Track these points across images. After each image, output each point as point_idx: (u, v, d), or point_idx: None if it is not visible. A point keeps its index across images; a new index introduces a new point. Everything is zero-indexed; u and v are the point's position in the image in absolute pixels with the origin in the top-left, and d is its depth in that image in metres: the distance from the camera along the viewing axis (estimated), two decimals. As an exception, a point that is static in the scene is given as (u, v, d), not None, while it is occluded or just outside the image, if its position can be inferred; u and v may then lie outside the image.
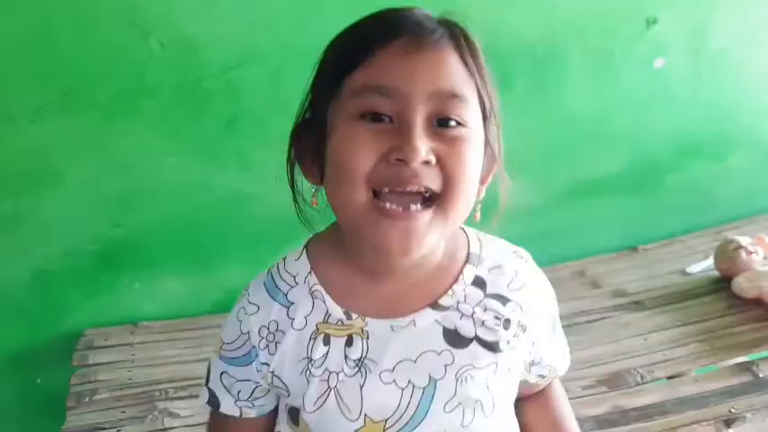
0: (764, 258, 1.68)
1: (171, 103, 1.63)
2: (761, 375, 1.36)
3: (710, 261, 1.76)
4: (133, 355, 1.57)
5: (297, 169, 0.77)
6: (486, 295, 0.77)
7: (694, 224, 2.04)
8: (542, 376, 0.87)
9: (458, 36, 0.70)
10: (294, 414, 0.79)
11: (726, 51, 1.96)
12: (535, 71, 1.83)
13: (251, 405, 0.82)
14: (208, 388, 0.83)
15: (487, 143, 0.73)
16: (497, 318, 0.77)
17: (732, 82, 2.00)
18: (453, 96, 0.68)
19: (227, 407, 0.82)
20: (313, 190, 0.76)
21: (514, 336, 0.77)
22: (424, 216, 0.68)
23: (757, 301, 1.57)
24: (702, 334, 1.52)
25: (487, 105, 0.72)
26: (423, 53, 0.68)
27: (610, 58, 1.88)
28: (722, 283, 1.69)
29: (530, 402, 0.91)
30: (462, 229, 0.81)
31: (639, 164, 2.00)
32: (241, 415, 0.82)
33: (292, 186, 0.77)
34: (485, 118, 0.72)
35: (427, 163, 0.67)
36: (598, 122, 1.93)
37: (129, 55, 1.57)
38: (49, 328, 1.70)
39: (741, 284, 1.61)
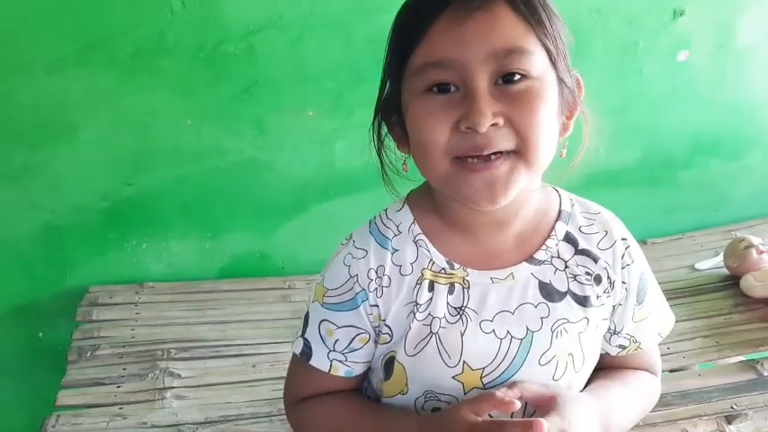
0: (775, 259, 1.67)
1: (189, 64, 1.62)
2: (765, 374, 1.36)
3: (720, 258, 1.76)
4: (137, 314, 1.56)
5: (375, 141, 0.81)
6: (578, 251, 0.80)
7: (705, 222, 2.03)
8: (622, 347, 0.85)
9: None
10: (389, 364, 0.80)
11: (751, 48, 1.94)
12: (557, 57, 1.81)
13: (343, 359, 0.81)
14: (303, 338, 0.82)
15: (562, 83, 0.74)
16: (588, 273, 0.80)
17: (755, 80, 1.98)
18: (511, 51, 0.69)
19: (319, 359, 0.82)
20: (403, 158, 0.79)
21: (604, 292, 0.80)
22: (506, 164, 0.70)
23: (765, 301, 1.57)
24: (708, 330, 1.52)
25: (552, 50, 0.72)
26: (472, 18, 0.69)
27: (634, 49, 1.87)
28: (730, 281, 1.68)
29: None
30: (555, 189, 0.84)
31: (655, 159, 1.99)
32: (329, 370, 0.82)
33: (380, 156, 0.80)
34: (553, 61, 0.72)
35: (496, 125, 0.69)
36: (617, 113, 1.92)
37: (151, 12, 1.57)
38: (53, 283, 1.70)
39: (750, 283, 1.60)
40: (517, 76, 0.70)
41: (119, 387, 1.32)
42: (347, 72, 1.67)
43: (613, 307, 0.82)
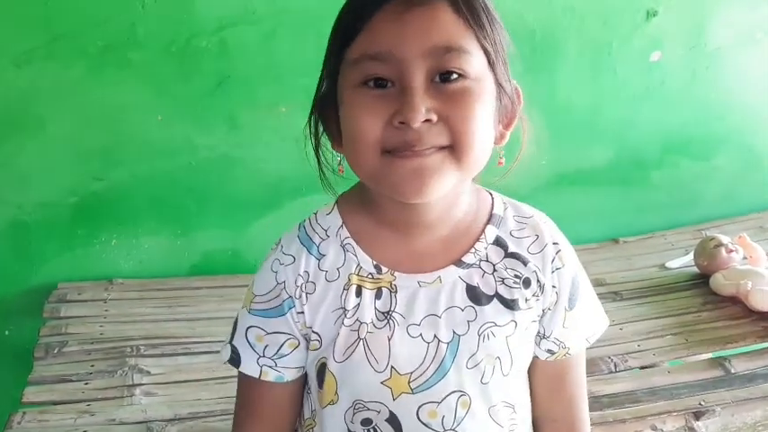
0: (744, 258, 1.69)
1: (160, 58, 1.60)
2: (733, 371, 1.38)
3: (690, 257, 1.77)
4: (106, 310, 1.54)
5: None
6: (507, 255, 0.79)
7: (675, 221, 2.05)
8: (551, 352, 0.84)
9: None
10: (321, 372, 0.79)
11: (722, 49, 1.96)
12: (531, 57, 1.82)
13: (273, 364, 0.80)
14: (231, 345, 0.81)
15: (500, 87, 0.73)
16: (518, 276, 0.79)
17: (726, 81, 2.00)
18: (450, 49, 0.68)
19: (248, 365, 0.80)
20: (338, 158, 0.78)
21: (533, 295, 0.79)
22: (437, 156, 0.69)
23: (733, 299, 1.58)
24: (678, 327, 1.53)
25: (491, 53, 0.71)
26: (412, 13, 0.68)
27: (608, 49, 1.88)
28: (700, 280, 1.70)
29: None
30: (489, 192, 0.83)
31: (627, 158, 2.01)
32: (260, 376, 0.80)
33: (317, 153, 0.79)
34: (491, 64, 0.72)
35: (429, 121, 0.68)
36: (590, 113, 1.93)
37: (122, 5, 1.55)
38: (20, 280, 1.67)
39: (719, 281, 1.62)
40: (454, 75, 0.69)
41: (86, 384, 1.30)
42: (320, 68, 1.66)
43: (543, 310, 0.81)
